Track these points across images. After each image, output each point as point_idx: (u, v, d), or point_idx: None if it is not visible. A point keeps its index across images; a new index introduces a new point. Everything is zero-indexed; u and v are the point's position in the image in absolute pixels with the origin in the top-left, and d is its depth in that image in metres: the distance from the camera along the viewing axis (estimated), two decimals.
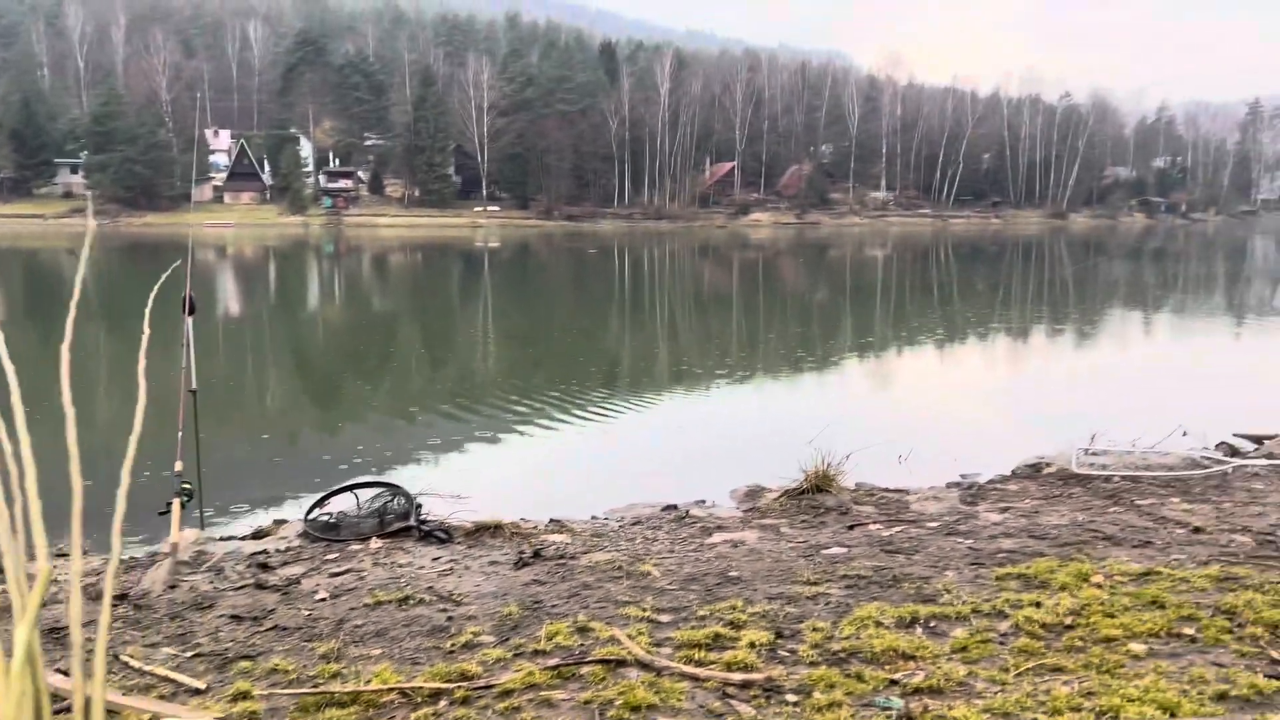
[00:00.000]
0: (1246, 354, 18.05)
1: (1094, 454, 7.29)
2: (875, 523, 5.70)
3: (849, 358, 16.96)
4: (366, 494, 6.00)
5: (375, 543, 5.43)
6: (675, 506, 6.63)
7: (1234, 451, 7.62)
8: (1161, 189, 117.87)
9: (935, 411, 12.24)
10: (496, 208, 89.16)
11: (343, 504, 5.98)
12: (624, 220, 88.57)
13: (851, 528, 5.62)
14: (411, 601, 4.28)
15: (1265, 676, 3.10)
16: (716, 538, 5.51)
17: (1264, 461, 6.78)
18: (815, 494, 6.42)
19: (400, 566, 4.94)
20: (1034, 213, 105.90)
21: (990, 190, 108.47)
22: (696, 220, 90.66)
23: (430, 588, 4.50)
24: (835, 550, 5.05)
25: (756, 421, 11.43)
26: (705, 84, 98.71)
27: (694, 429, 11.03)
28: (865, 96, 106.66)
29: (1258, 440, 8.06)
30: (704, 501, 6.91)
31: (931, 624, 3.75)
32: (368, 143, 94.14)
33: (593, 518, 6.46)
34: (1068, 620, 3.64)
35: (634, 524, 6.12)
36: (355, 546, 5.41)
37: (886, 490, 6.75)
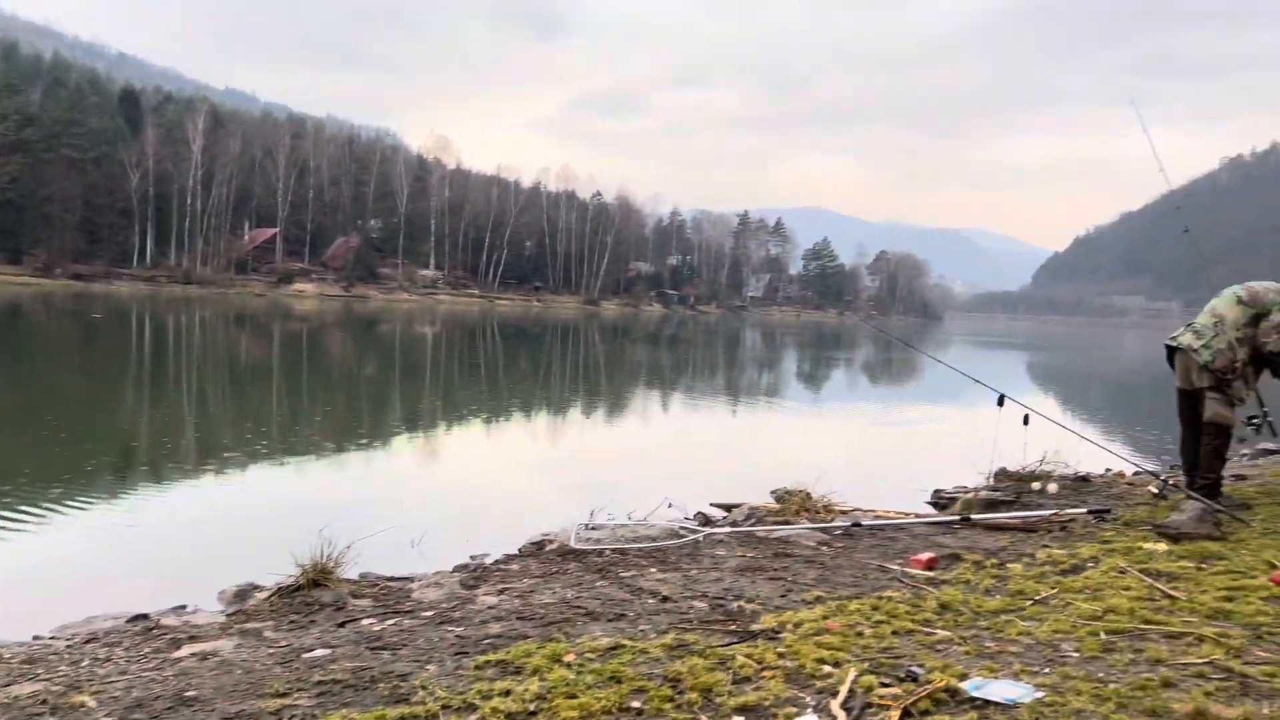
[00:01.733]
0: (734, 428, 20.81)
1: (593, 528, 7.74)
2: (370, 617, 5.45)
3: (381, 438, 16.60)
4: None
5: None
6: (146, 616, 5.80)
7: (707, 520, 8.57)
8: (675, 283, 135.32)
9: (457, 491, 12.34)
10: None
11: None
12: (145, 283, 79.91)
13: (343, 624, 5.30)
14: None
15: None
16: (185, 650, 4.87)
17: (727, 529, 7.68)
18: (312, 589, 6.00)
19: None
20: (571, 298, 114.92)
21: (533, 275, 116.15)
22: (233, 287, 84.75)
23: None
24: (318, 653, 4.71)
25: (267, 510, 10.61)
26: (245, 145, 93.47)
27: (191, 521, 9.91)
28: (415, 176, 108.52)
29: (727, 509, 9.15)
30: (185, 607, 6.15)
31: None
32: None
33: (35, 638, 5.42)
34: (532, 706, 3.69)
35: (88, 642, 5.23)
36: None
37: (391, 579, 6.53)
